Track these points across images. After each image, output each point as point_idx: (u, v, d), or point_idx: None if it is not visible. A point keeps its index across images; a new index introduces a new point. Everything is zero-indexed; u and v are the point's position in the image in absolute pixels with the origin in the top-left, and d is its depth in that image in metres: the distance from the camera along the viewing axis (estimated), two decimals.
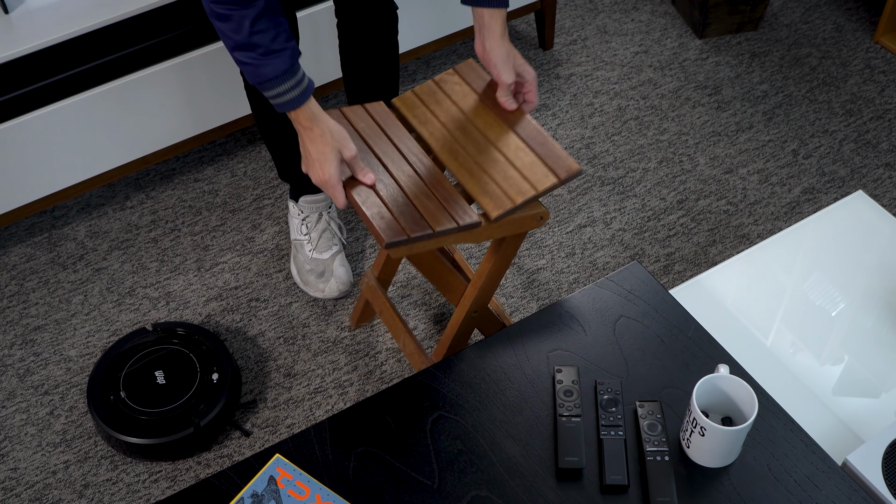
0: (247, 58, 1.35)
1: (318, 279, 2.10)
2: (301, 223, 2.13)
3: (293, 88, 1.38)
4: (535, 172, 1.50)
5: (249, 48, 1.34)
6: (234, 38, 1.33)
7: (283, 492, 1.21)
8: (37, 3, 1.99)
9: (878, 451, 1.36)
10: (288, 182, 2.13)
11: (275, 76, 1.36)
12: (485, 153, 1.54)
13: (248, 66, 1.36)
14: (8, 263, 2.22)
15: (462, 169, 1.52)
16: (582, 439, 1.27)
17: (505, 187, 1.49)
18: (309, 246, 2.12)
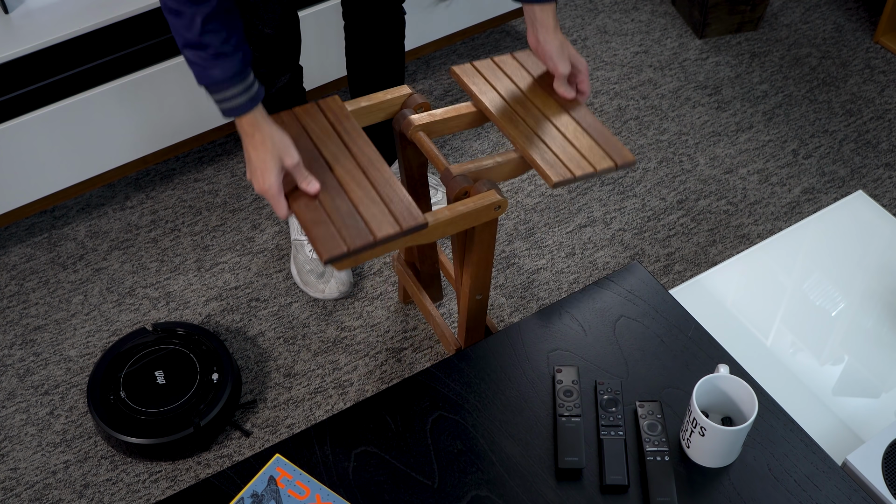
0: (196, 57, 1.30)
1: (318, 280, 2.10)
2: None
3: (241, 94, 1.34)
4: (592, 153, 1.49)
5: (199, 47, 1.29)
6: (185, 36, 1.28)
7: (283, 492, 1.21)
8: (37, 3, 1.99)
9: (878, 451, 1.36)
10: None
11: (222, 79, 1.31)
12: (544, 127, 1.53)
13: (197, 67, 1.31)
14: (8, 263, 2.22)
15: (521, 136, 1.51)
16: (582, 439, 1.27)
17: (564, 159, 1.47)
18: (309, 246, 2.12)
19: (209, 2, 1.27)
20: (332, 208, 1.40)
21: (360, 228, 1.36)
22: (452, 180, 1.46)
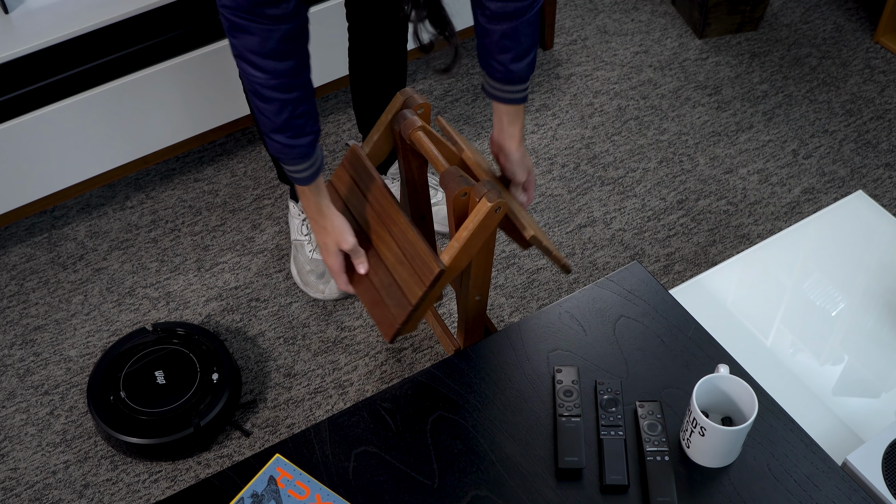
0: (280, 139, 1.36)
1: (318, 280, 2.10)
2: (301, 223, 2.13)
3: (308, 168, 1.41)
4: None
5: (284, 130, 1.35)
6: (275, 121, 1.34)
7: (283, 492, 1.21)
8: (37, 3, 1.99)
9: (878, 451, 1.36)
10: (287, 183, 2.13)
11: (302, 156, 1.39)
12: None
13: (279, 146, 1.37)
14: (8, 263, 2.22)
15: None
16: (582, 439, 1.27)
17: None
18: (309, 247, 2.12)
19: (301, 90, 1.32)
20: (379, 284, 1.50)
21: (400, 298, 1.46)
22: (452, 182, 1.46)
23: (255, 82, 1.30)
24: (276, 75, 1.28)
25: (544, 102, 2.56)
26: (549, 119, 2.52)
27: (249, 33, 1.25)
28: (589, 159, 2.42)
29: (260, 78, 1.29)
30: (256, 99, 1.32)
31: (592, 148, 2.44)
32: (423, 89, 2.59)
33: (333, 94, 2.58)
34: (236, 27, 1.25)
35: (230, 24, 1.25)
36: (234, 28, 1.25)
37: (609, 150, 2.44)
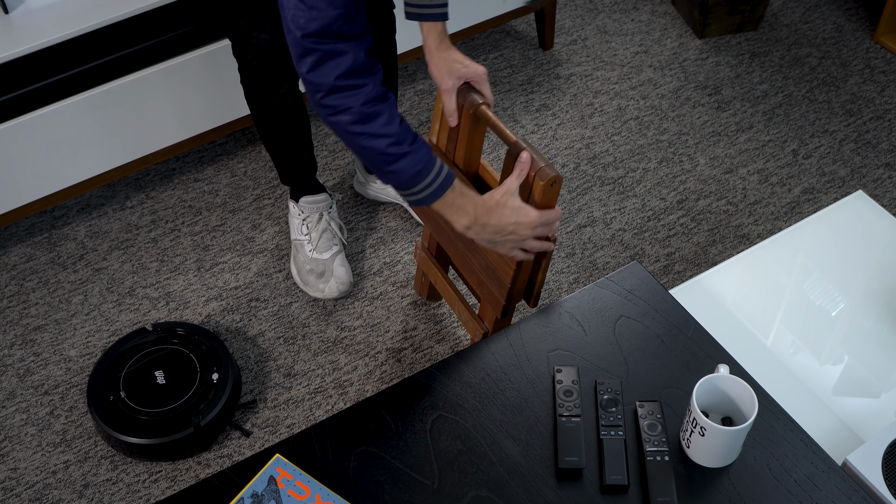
0: (403, 149, 1.32)
1: (317, 279, 2.10)
2: (301, 223, 2.13)
3: (441, 170, 1.38)
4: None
5: (402, 140, 1.31)
6: (388, 132, 1.30)
7: (283, 492, 1.21)
8: (37, 3, 1.99)
9: (878, 451, 1.36)
10: (288, 185, 2.13)
11: (428, 159, 1.34)
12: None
13: (408, 157, 1.32)
14: (8, 263, 2.22)
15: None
16: (582, 439, 1.27)
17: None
18: (309, 246, 2.12)
19: (390, 95, 1.30)
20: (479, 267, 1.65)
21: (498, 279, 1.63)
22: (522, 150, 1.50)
23: (353, 107, 1.27)
24: (373, 87, 1.27)
25: (544, 102, 2.56)
26: (549, 119, 2.52)
27: (339, 56, 1.23)
28: (589, 159, 2.41)
29: (359, 96, 1.26)
30: (363, 124, 1.28)
31: (592, 148, 2.44)
32: (423, 89, 2.59)
33: None
34: (326, 56, 1.23)
35: (317, 57, 1.23)
36: (324, 58, 1.23)
37: (609, 150, 2.44)
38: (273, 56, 1.80)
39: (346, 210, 2.30)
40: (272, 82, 1.85)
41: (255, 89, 1.89)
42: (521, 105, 2.55)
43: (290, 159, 2.04)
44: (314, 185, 2.12)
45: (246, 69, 1.85)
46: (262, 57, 1.80)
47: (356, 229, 2.27)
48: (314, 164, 2.10)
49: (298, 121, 1.97)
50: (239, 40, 1.80)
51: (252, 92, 1.90)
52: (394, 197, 2.29)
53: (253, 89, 1.89)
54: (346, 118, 1.29)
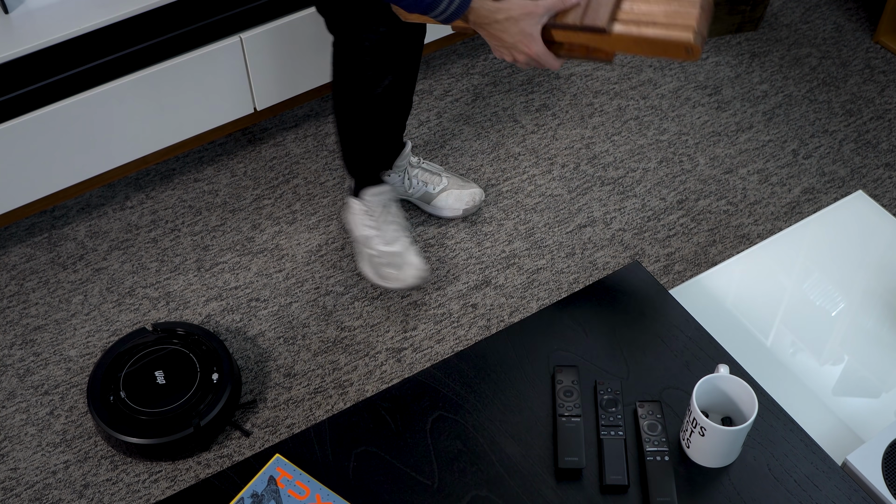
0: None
1: (394, 270, 2.08)
2: (367, 217, 2.10)
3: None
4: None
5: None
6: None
7: (283, 492, 1.21)
8: (37, 3, 1.99)
9: (878, 451, 1.36)
10: (355, 176, 2.09)
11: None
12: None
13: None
14: (8, 263, 2.22)
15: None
16: (582, 439, 1.27)
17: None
18: (379, 239, 2.09)
19: None
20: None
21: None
22: None
23: None
24: None
25: (544, 102, 2.56)
26: (549, 119, 2.52)
27: None
28: (589, 159, 2.41)
29: None
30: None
31: (592, 148, 2.44)
32: (423, 89, 2.59)
33: None
34: None
35: None
36: None
37: (609, 150, 2.44)
38: (383, 50, 1.78)
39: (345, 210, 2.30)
40: (378, 76, 1.83)
41: (358, 84, 1.85)
42: (521, 105, 2.55)
43: (374, 151, 2.01)
44: (378, 176, 2.11)
45: (354, 65, 1.81)
46: (374, 52, 1.77)
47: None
48: (394, 153, 2.09)
49: (399, 110, 1.95)
50: (350, 37, 1.77)
51: (354, 86, 1.86)
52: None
53: (356, 84, 1.86)
54: None
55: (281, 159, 2.42)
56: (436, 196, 2.24)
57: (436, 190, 2.23)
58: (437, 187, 2.23)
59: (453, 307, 2.11)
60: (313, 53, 2.30)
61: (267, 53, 2.22)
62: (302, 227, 2.27)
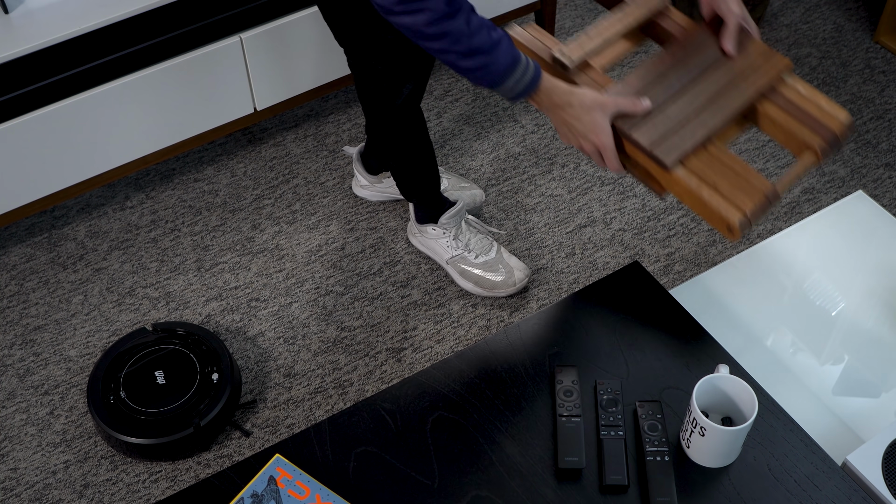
0: (476, 62, 1.33)
1: (499, 277, 2.08)
2: (452, 240, 2.10)
3: (527, 70, 1.36)
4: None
5: (475, 53, 1.32)
6: (457, 49, 1.31)
7: (283, 492, 1.21)
8: (37, 3, 1.99)
9: (878, 451, 1.36)
10: (422, 203, 2.09)
11: (507, 66, 1.34)
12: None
13: (481, 71, 1.33)
14: (8, 263, 2.22)
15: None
16: (582, 439, 1.27)
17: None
18: (472, 255, 2.10)
19: (463, 9, 1.30)
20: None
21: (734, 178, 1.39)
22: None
23: (416, 27, 1.28)
24: (433, 11, 1.27)
25: None
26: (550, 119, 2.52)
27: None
28: (589, 159, 2.41)
29: (419, 21, 1.28)
30: (429, 42, 1.30)
31: None
32: None
33: (333, 95, 2.58)
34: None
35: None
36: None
37: None
38: (403, 51, 1.77)
39: (346, 210, 2.30)
40: (398, 79, 1.81)
41: (378, 95, 1.85)
42: (521, 105, 2.55)
43: (424, 171, 2.01)
44: (445, 198, 2.11)
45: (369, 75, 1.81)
46: (391, 51, 1.76)
47: (356, 229, 2.27)
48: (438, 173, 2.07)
49: (422, 126, 1.95)
50: (362, 49, 1.77)
51: (376, 98, 1.86)
52: (395, 195, 2.29)
53: (377, 95, 1.85)
54: (415, 34, 1.31)
55: (281, 159, 2.42)
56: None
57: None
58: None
59: (453, 307, 2.11)
60: (313, 53, 2.29)
61: (267, 53, 2.22)
62: (302, 227, 2.28)
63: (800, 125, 1.43)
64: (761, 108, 1.46)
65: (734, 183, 1.36)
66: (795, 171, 1.41)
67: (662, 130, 1.39)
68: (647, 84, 1.44)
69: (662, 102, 1.42)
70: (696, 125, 1.40)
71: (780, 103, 1.46)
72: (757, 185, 1.36)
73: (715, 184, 1.36)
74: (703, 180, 1.36)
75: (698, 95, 1.44)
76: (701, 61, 1.48)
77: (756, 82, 1.46)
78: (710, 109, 1.43)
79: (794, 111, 1.45)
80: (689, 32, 1.52)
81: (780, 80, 1.48)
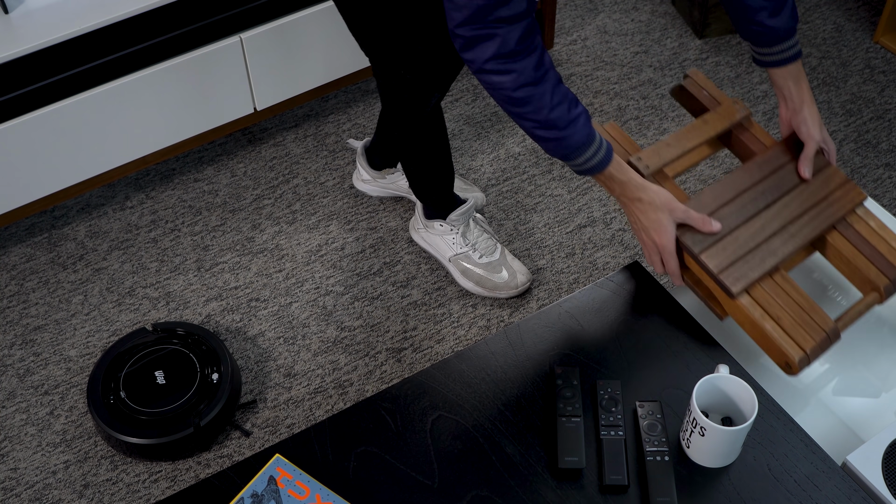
0: (550, 135, 1.34)
1: (500, 279, 2.09)
2: (459, 237, 2.10)
3: (598, 151, 1.37)
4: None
5: (551, 126, 1.33)
6: (536, 118, 1.32)
7: (283, 492, 1.21)
8: (37, 3, 1.99)
9: (878, 451, 1.35)
10: (433, 201, 2.09)
11: (580, 144, 1.35)
12: None
13: (553, 143, 1.34)
14: (8, 263, 2.22)
15: None
16: (582, 439, 1.27)
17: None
18: (476, 254, 2.10)
19: (548, 78, 1.31)
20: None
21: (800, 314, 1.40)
22: None
23: (504, 88, 1.29)
24: (521, 74, 1.28)
25: None
26: None
27: (488, 40, 1.25)
28: None
29: (507, 82, 1.28)
30: (512, 106, 1.31)
31: None
32: None
33: (333, 95, 2.58)
34: (475, 40, 1.25)
35: (465, 40, 1.26)
36: (473, 42, 1.26)
37: None
38: (436, 59, 1.77)
39: (346, 210, 2.30)
40: (428, 88, 1.81)
41: (406, 104, 1.85)
42: None
43: (441, 173, 2.02)
44: (455, 195, 2.12)
45: (397, 84, 1.81)
46: (423, 62, 1.76)
47: (356, 229, 2.27)
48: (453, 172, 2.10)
49: (443, 129, 1.96)
50: (390, 59, 1.77)
51: (403, 107, 1.86)
52: (397, 192, 2.29)
53: (405, 104, 1.85)
54: (501, 95, 1.32)
55: (281, 159, 2.42)
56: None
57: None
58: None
59: (453, 307, 2.11)
60: (313, 53, 2.29)
61: (267, 53, 2.22)
62: (302, 227, 2.28)
63: (867, 262, 1.44)
64: (830, 239, 1.47)
65: (797, 317, 1.37)
66: (857, 310, 1.43)
67: (732, 256, 1.40)
68: (721, 204, 1.46)
69: (735, 226, 1.43)
70: (766, 253, 1.41)
71: (850, 236, 1.46)
72: (819, 323, 1.37)
73: (778, 317, 1.37)
74: (766, 311, 1.37)
75: (771, 221, 1.44)
76: (777, 185, 1.48)
77: (831, 215, 1.46)
78: (780, 237, 1.43)
79: (863, 246, 1.45)
80: (768, 150, 1.53)
81: (852, 211, 1.48)
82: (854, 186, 1.50)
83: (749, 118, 1.58)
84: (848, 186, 1.49)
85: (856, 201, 1.48)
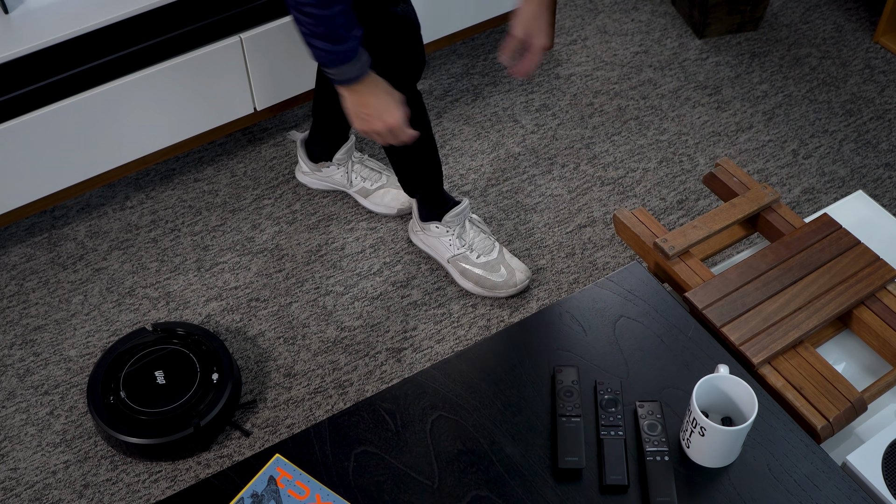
0: (325, 45, 1.44)
1: (500, 278, 2.09)
2: (455, 238, 2.11)
3: (356, 66, 1.50)
4: None
5: (325, 38, 1.43)
6: (316, 30, 1.42)
7: (283, 492, 1.21)
8: (37, 3, 1.99)
9: (878, 451, 1.36)
10: (425, 201, 2.09)
11: (342, 61, 1.47)
12: None
13: (318, 51, 1.45)
14: (8, 263, 2.22)
15: None
16: (582, 439, 1.27)
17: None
18: (474, 254, 2.10)
19: (338, 3, 1.41)
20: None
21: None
22: None
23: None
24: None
25: (544, 102, 2.56)
26: (549, 119, 2.52)
27: None
28: (589, 159, 2.42)
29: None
30: (295, 11, 1.40)
31: (592, 148, 2.44)
32: (423, 89, 2.59)
33: None
34: None
35: None
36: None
37: (609, 150, 2.44)
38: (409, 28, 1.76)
39: (345, 210, 2.30)
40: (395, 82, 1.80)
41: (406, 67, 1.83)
42: (521, 105, 2.55)
43: (425, 162, 2.01)
44: (449, 196, 2.12)
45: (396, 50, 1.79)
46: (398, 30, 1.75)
47: (356, 229, 2.27)
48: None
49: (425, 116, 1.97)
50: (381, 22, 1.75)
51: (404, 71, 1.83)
52: (336, 185, 2.31)
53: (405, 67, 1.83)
54: None
55: (281, 159, 2.42)
56: (373, 192, 2.25)
57: (373, 186, 2.25)
58: (376, 184, 2.25)
59: (453, 307, 2.11)
60: None
61: (267, 53, 2.22)
62: (302, 227, 2.28)
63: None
64: (857, 313, 1.49)
65: (821, 387, 1.39)
66: (887, 382, 1.44)
67: (755, 329, 1.43)
68: (746, 281, 1.48)
69: (759, 301, 1.46)
70: (790, 327, 1.43)
71: (878, 310, 1.48)
72: (844, 393, 1.39)
73: (801, 386, 1.39)
74: (788, 381, 1.39)
75: (796, 297, 1.46)
76: (804, 264, 1.51)
77: (859, 290, 1.48)
78: (805, 311, 1.45)
79: (892, 319, 1.47)
80: (797, 230, 1.55)
81: (882, 287, 1.50)
82: (884, 264, 1.51)
83: (778, 201, 1.61)
84: (878, 264, 1.51)
85: (886, 277, 1.49)
